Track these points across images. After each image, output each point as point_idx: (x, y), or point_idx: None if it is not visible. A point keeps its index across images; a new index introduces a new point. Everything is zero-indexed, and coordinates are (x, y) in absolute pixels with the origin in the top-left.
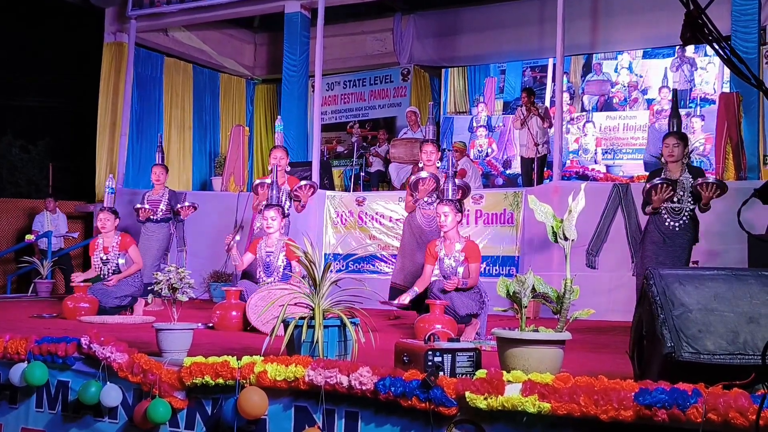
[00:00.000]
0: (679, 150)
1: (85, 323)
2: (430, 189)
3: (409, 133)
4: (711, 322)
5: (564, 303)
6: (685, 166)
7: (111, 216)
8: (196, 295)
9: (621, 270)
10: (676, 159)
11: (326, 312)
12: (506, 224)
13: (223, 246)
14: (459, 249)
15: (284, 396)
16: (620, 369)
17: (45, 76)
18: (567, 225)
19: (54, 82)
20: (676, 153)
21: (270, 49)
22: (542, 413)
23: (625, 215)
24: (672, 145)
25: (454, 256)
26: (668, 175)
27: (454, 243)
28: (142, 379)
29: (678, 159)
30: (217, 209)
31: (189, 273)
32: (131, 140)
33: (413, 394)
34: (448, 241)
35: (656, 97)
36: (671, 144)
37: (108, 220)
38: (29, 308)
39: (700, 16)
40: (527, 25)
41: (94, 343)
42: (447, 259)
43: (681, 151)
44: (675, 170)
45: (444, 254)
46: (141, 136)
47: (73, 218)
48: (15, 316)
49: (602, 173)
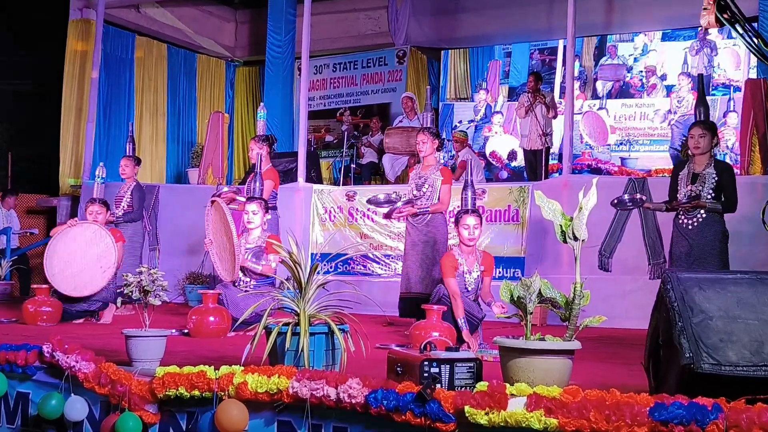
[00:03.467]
0: (705, 141)
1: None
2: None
3: (405, 121)
4: (733, 330)
5: (573, 309)
6: (712, 160)
7: (102, 209)
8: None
9: (636, 273)
10: (702, 151)
11: (312, 318)
12: (511, 222)
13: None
14: (479, 261)
15: (266, 410)
16: (634, 381)
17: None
18: (577, 223)
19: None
20: (702, 144)
21: (252, 28)
22: (549, 430)
23: (642, 213)
24: (698, 136)
25: (475, 269)
26: (692, 168)
27: (474, 255)
28: (110, 390)
29: (705, 151)
30: (193, 204)
31: (162, 274)
32: (99, 127)
33: (407, 408)
34: (469, 254)
35: (676, 84)
36: (697, 134)
37: (99, 213)
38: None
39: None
40: (535, 4)
41: (57, 351)
42: (469, 275)
43: (708, 142)
44: (700, 163)
45: (466, 269)
46: (110, 122)
47: (34, 213)
48: None
49: (616, 166)
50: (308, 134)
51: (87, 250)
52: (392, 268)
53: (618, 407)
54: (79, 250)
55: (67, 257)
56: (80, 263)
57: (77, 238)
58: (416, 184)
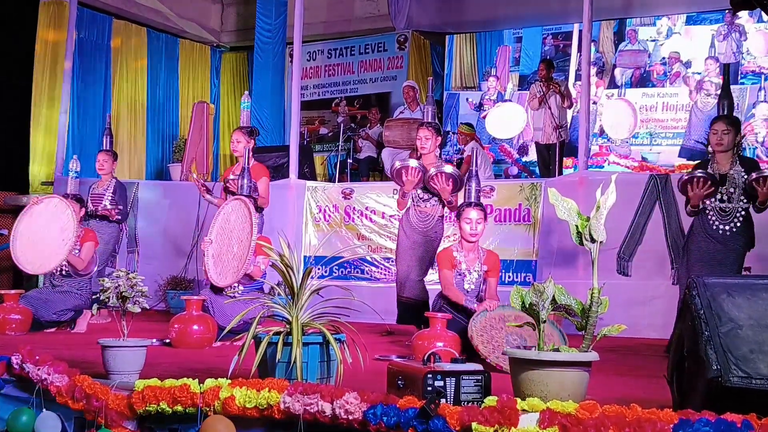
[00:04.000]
0: (729, 138)
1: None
2: (416, 181)
3: (406, 113)
4: (765, 340)
5: (590, 317)
6: (737, 158)
7: (75, 204)
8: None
9: (658, 278)
10: (725, 148)
11: (306, 326)
12: (522, 222)
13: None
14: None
15: (255, 426)
16: (657, 396)
17: None
18: (594, 224)
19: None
20: (725, 141)
21: (240, 11)
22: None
23: (664, 212)
24: (721, 132)
25: (476, 268)
26: (715, 167)
27: (476, 252)
28: (86, 405)
29: (728, 148)
30: (175, 202)
31: (142, 279)
32: (72, 118)
33: (409, 425)
34: (469, 252)
35: (701, 71)
36: (720, 130)
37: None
38: None
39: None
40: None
41: (27, 363)
42: (469, 274)
43: (731, 138)
44: (724, 162)
45: (465, 267)
46: (84, 113)
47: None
48: None
49: (637, 162)
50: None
51: (50, 226)
52: (392, 273)
53: (639, 424)
54: (42, 227)
55: (31, 236)
56: (44, 239)
57: (40, 215)
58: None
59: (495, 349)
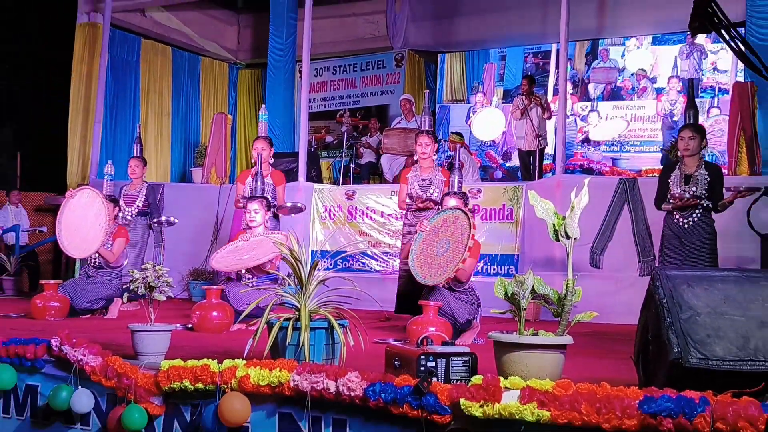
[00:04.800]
0: (695, 143)
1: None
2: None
3: (403, 123)
4: (720, 326)
5: (565, 305)
6: (702, 161)
7: (110, 204)
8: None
9: (627, 270)
10: (691, 153)
11: (313, 313)
12: (505, 220)
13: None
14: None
15: (268, 402)
16: (624, 376)
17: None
18: (569, 222)
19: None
20: (691, 146)
21: (255, 32)
22: (541, 422)
23: (632, 212)
24: (688, 138)
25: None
26: (683, 169)
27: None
28: (117, 383)
29: (694, 153)
30: (197, 203)
31: (167, 270)
32: (105, 128)
33: (405, 401)
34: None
35: (665, 87)
36: (687, 137)
37: None
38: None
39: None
40: (530, 8)
41: (65, 345)
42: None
43: (697, 144)
44: (691, 164)
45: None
46: (116, 123)
47: (41, 211)
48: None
49: (608, 166)
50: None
51: (86, 213)
52: (390, 265)
53: (608, 400)
54: (80, 217)
55: (72, 225)
56: (84, 227)
57: (77, 207)
58: (420, 186)
59: (433, 265)
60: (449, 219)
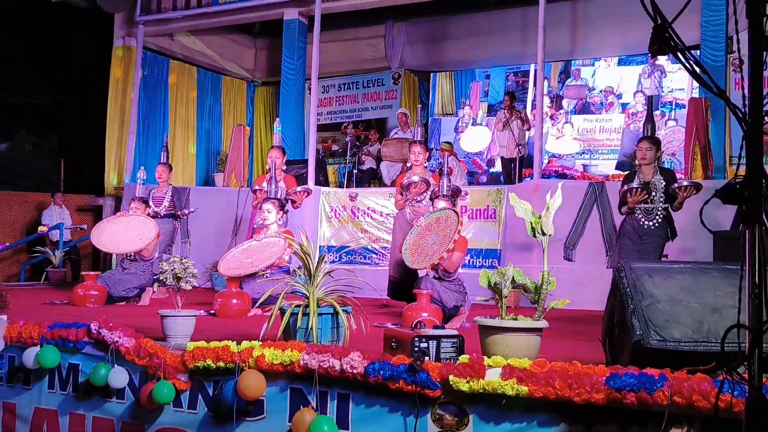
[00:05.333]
0: (651, 153)
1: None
2: (421, 191)
3: (399, 134)
4: (677, 312)
5: (541, 293)
6: (657, 168)
7: (141, 205)
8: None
9: (596, 263)
10: (648, 162)
11: (320, 300)
12: (489, 219)
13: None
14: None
15: (281, 378)
16: (593, 355)
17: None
18: (545, 221)
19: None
20: (648, 156)
21: (269, 54)
22: (520, 396)
23: (601, 212)
24: (645, 149)
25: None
26: (641, 177)
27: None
28: (148, 362)
29: (651, 162)
30: (218, 204)
31: (192, 263)
32: (138, 137)
33: (401, 377)
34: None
35: (630, 102)
36: (644, 148)
37: (138, 208)
38: (41, 295)
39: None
40: (510, 33)
41: (103, 329)
42: None
43: (653, 154)
44: (648, 172)
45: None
46: (147, 133)
47: (82, 211)
48: (28, 302)
49: (579, 172)
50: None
51: (129, 232)
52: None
53: (579, 377)
54: (122, 231)
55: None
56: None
57: (121, 223)
58: None
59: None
60: (442, 218)
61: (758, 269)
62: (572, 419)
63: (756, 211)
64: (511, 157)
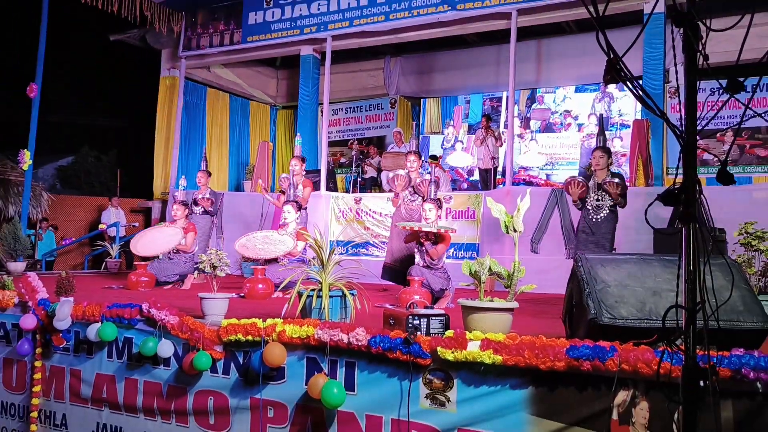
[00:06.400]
0: (603, 161)
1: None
2: (404, 184)
3: (395, 148)
4: (625, 294)
5: (513, 280)
6: (609, 172)
7: (182, 207)
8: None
9: (557, 254)
10: (602, 167)
11: (331, 285)
12: (469, 219)
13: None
14: None
15: (299, 349)
16: (555, 330)
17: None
18: (516, 220)
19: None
20: (601, 163)
21: (289, 83)
22: (496, 364)
23: (561, 213)
24: (598, 157)
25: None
26: (596, 179)
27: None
28: (189, 336)
29: (603, 167)
30: (247, 206)
31: (226, 255)
32: (181, 152)
33: (397, 348)
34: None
35: (585, 122)
36: (597, 156)
37: (179, 209)
38: (102, 281)
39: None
40: (487, 66)
41: (152, 308)
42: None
43: (605, 161)
44: (601, 176)
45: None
46: (188, 149)
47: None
48: (91, 287)
49: (543, 180)
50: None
51: (163, 237)
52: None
53: (544, 348)
54: (157, 237)
55: (150, 239)
56: (157, 241)
57: (161, 231)
58: (408, 191)
59: None
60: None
61: (692, 259)
62: (538, 383)
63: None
64: (486, 168)
